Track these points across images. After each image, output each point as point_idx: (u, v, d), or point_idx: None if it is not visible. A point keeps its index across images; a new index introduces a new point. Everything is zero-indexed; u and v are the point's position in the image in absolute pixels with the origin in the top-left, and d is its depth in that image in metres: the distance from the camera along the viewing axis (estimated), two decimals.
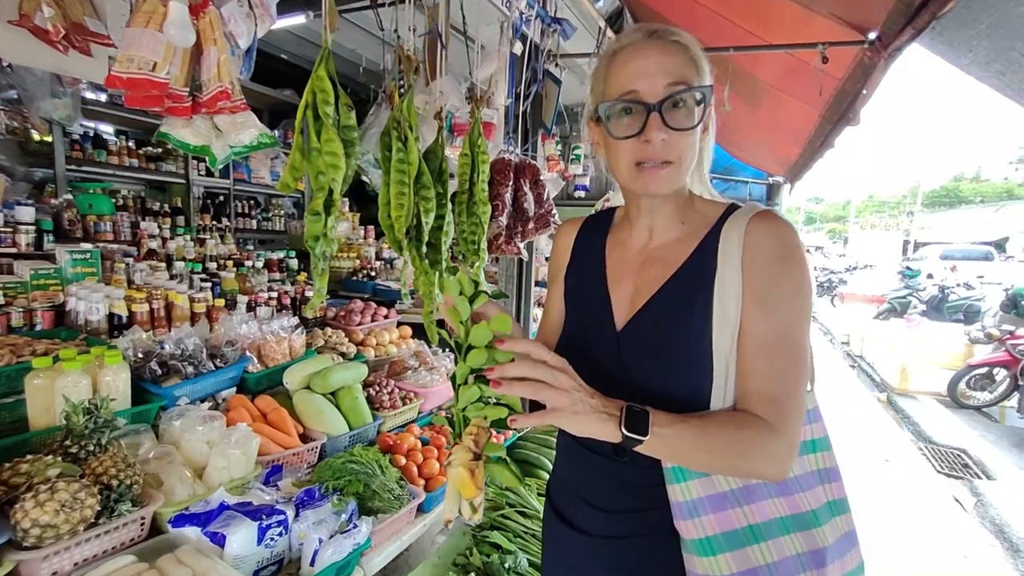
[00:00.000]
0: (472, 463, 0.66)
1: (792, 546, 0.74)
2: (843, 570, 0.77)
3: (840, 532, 0.77)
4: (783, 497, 0.75)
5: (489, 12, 1.79)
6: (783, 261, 0.70)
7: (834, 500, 0.78)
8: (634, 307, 0.79)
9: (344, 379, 1.71)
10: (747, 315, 0.70)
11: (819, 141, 3.34)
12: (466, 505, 0.67)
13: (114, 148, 3.29)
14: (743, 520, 0.72)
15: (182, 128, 1.44)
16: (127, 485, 1.06)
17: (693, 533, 0.72)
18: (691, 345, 0.72)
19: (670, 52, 0.71)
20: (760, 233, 0.71)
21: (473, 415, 0.69)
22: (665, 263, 0.78)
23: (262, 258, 2.68)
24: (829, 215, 46.71)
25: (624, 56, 0.73)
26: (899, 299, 9.78)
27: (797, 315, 0.70)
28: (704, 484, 0.72)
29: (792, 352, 0.69)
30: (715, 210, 0.79)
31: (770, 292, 0.70)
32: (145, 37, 1.21)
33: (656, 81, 0.70)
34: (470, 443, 0.67)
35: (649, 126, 0.70)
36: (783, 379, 0.69)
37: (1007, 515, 3.33)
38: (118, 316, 1.59)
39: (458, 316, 0.73)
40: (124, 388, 1.30)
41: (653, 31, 0.73)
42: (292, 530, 1.15)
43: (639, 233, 0.84)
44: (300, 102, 1.04)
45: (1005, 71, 1.51)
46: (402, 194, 1.18)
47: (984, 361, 5.26)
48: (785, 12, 2.22)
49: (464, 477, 0.65)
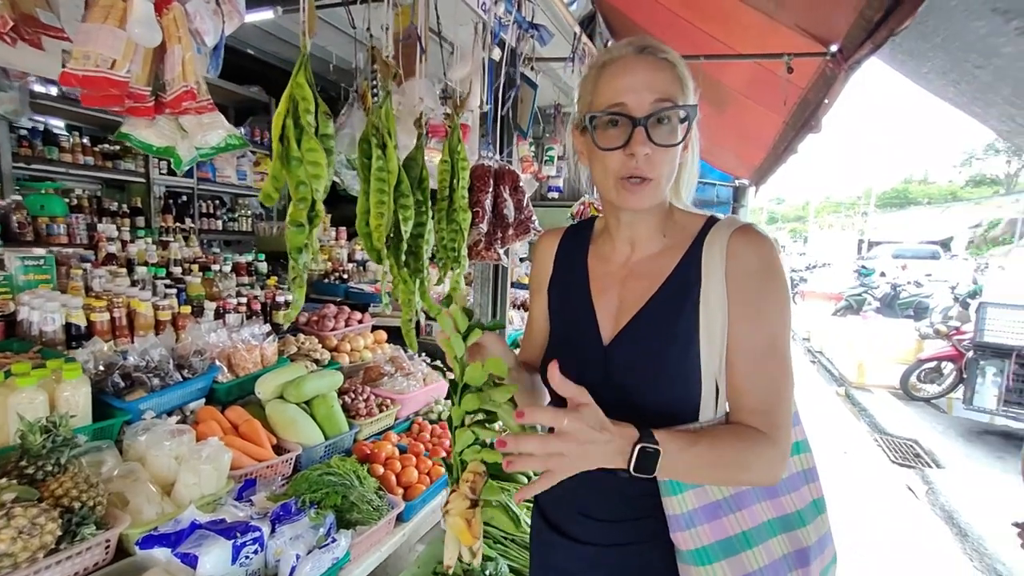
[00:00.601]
0: (469, 512, 0.65)
1: (780, 548, 0.77)
2: (822, 565, 0.81)
3: (822, 530, 0.81)
4: (770, 500, 0.78)
5: (463, 13, 1.78)
6: (767, 275, 0.73)
7: (818, 499, 0.82)
8: (620, 322, 0.79)
9: (318, 387, 1.67)
10: (735, 329, 0.72)
11: (783, 147, 3.46)
12: (465, 551, 0.66)
13: (67, 145, 3.11)
14: (736, 527, 0.75)
15: (145, 129, 1.37)
16: (90, 507, 1.01)
17: (690, 544, 0.73)
18: (679, 359, 0.74)
19: (659, 69, 0.72)
20: (743, 248, 0.74)
21: (470, 459, 0.68)
22: (650, 277, 0.80)
23: (229, 261, 2.58)
24: (790, 215, 48.52)
25: (614, 69, 0.74)
26: (855, 297, 10.25)
27: (782, 326, 0.73)
28: (698, 494, 0.74)
29: (780, 363, 0.73)
30: (695, 223, 0.81)
31: (756, 306, 0.72)
32: (103, 33, 1.15)
33: (643, 96, 0.71)
34: (467, 490, 0.66)
35: (634, 140, 0.71)
36: (774, 390, 0.72)
37: (955, 502, 3.54)
38: (76, 326, 1.51)
39: (453, 352, 0.72)
40: (84, 403, 1.24)
41: (644, 47, 0.74)
42: (268, 547, 1.12)
43: (621, 246, 0.84)
44: (278, 110, 1.01)
45: (960, 81, 1.60)
46: (382, 203, 1.16)
47: (933, 356, 5.57)
48: (753, 23, 2.29)
49: (462, 527, 0.64)
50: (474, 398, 0.68)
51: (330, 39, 3.31)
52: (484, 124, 1.80)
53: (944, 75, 1.67)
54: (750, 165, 4.72)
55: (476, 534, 0.65)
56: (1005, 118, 1.64)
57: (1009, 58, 1.32)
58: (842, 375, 6.78)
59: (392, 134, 1.14)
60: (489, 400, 0.67)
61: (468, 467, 0.68)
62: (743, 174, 5.48)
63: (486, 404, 0.67)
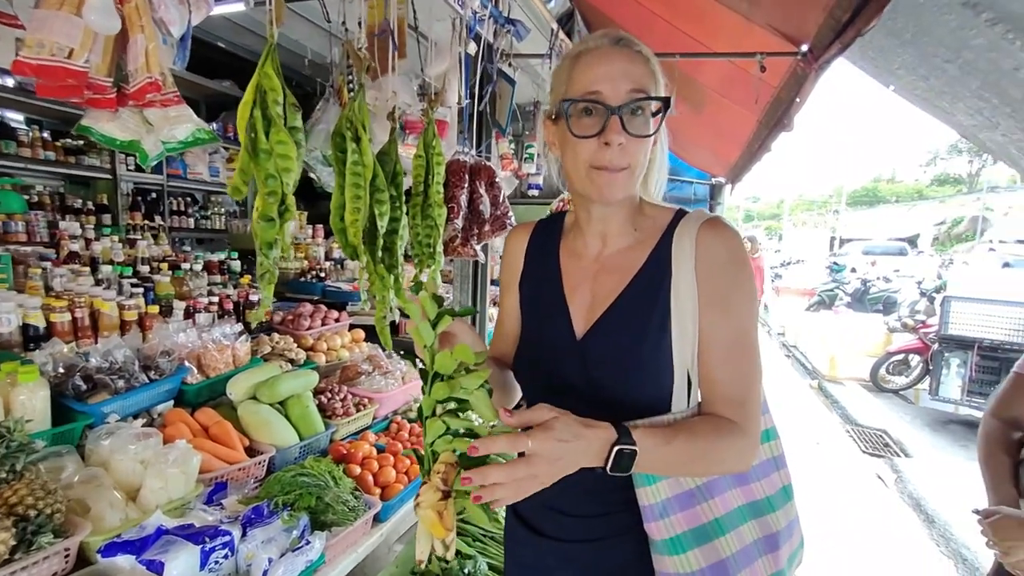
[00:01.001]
0: (441, 503, 0.63)
1: (751, 533, 0.78)
2: (791, 550, 0.83)
3: (791, 516, 0.83)
4: (740, 487, 0.79)
5: (440, 8, 1.76)
6: (735, 267, 0.74)
7: (787, 485, 0.84)
8: (593, 316, 0.80)
9: (293, 387, 1.64)
10: (705, 321, 0.73)
11: (757, 145, 3.53)
12: (438, 544, 0.65)
13: (25, 139, 2.97)
14: (709, 514, 0.76)
15: (107, 122, 1.32)
16: (47, 514, 0.96)
17: (664, 533, 0.73)
18: (652, 352, 0.74)
19: (634, 61, 0.73)
20: (711, 241, 0.75)
21: (442, 449, 0.66)
22: (621, 271, 0.80)
23: (201, 260, 2.51)
24: (765, 213, 49.56)
25: (589, 59, 0.74)
26: (827, 292, 10.52)
27: (750, 317, 0.74)
28: (671, 484, 0.75)
29: (749, 353, 0.74)
30: (664, 216, 0.81)
31: (726, 297, 0.73)
32: (59, 20, 1.10)
33: (619, 85, 0.71)
34: (439, 482, 0.63)
35: (609, 128, 0.71)
36: (745, 380, 0.74)
37: (923, 490, 3.66)
38: (34, 327, 1.44)
39: (422, 340, 0.70)
40: (42, 407, 1.19)
41: (619, 39, 0.74)
42: (239, 551, 1.09)
43: (592, 240, 0.85)
44: (244, 99, 0.97)
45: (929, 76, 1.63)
46: (357, 197, 1.14)
47: (900, 348, 5.76)
48: (728, 22, 2.33)
49: (433, 519, 0.63)
50: (444, 386, 0.66)
51: (304, 33, 3.24)
52: (461, 120, 1.79)
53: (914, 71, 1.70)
54: (726, 163, 4.80)
55: (448, 526, 0.64)
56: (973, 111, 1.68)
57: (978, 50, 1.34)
58: (815, 368, 6.96)
59: (366, 127, 1.12)
60: (460, 388, 0.65)
61: (440, 458, 0.66)
62: (719, 172, 5.56)
63: (457, 392, 0.66)
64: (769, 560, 0.78)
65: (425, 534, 0.66)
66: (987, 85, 1.53)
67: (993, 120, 1.65)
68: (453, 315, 0.73)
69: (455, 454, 0.66)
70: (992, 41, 1.28)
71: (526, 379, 0.89)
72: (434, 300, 0.72)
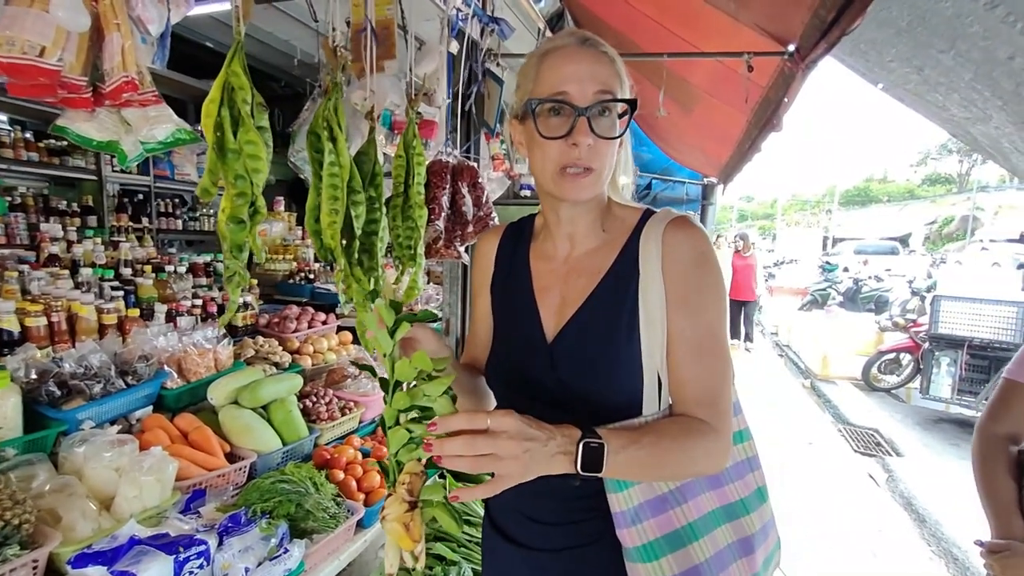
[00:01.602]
0: (407, 515, 0.61)
1: (724, 537, 0.77)
2: (766, 552, 0.82)
3: (765, 518, 0.82)
4: (714, 490, 0.78)
5: (428, 8, 1.74)
6: (701, 266, 0.73)
7: (762, 487, 0.83)
8: (563, 318, 0.79)
9: (276, 391, 1.61)
10: (673, 321, 0.72)
11: (748, 145, 3.53)
12: (407, 555, 0.63)
13: (8, 140, 2.93)
14: (682, 519, 0.74)
15: (83, 122, 1.29)
16: (14, 525, 0.94)
17: (636, 540, 0.72)
18: (621, 353, 0.73)
19: (600, 62, 0.72)
20: (677, 241, 0.74)
21: (406, 459, 0.65)
22: (589, 273, 0.79)
23: (186, 262, 2.47)
24: (759, 213, 49.79)
25: (556, 58, 0.73)
26: (820, 291, 10.57)
27: (718, 316, 0.74)
28: (643, 489, 0.73)
29: (718, 352, 0.73)
30: (632, 216, 0.81)
31: (693, 297, 0.73)
32: (30, 17, 1.07)
33: (587, 87, 0.71)
34: (404, 493, 0.62)
35: (577, 129, 0.70)
36: (714, 380, 0.73)
37: (914, 488, 3.67)
38: (8, 332, 1.41)
39: (381, 348, 0.69)
40: (13, 414, 1.16)
41: (586, 39, 0.73)
42: (215, 560, 1.07)
43: (561, 242, 0.84)
44: (210, 96, 0.95)
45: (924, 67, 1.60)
46: (335, 199, 1.11)
47: (892, 347, 5.78)
48: (715, 22, 2.32)
49: (399, 532, 0.61)
50: (405, 395, 0.65)
51: (293, 33, 3.22)
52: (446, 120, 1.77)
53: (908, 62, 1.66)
54: (717, 163, 4.80)
55: (416, 537, 0.62)
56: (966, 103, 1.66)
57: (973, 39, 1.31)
58: (808, 367, 6.98)
59: (342, 127, 1.10)
60: (423, 395, 0.64)
61: (404, 468, 0.64)
62: (711, 172, 5.57)
63: (419, 400, 0.64)
64: (744, 564, 0.77)
65: (393, 547, 0.64)
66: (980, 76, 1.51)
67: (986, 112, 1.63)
68: (411, 320, 0.71)
69: (420, 462, 0.64)
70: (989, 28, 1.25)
71: (497, 383, 0.88)
72: (392, 307, 0.71)
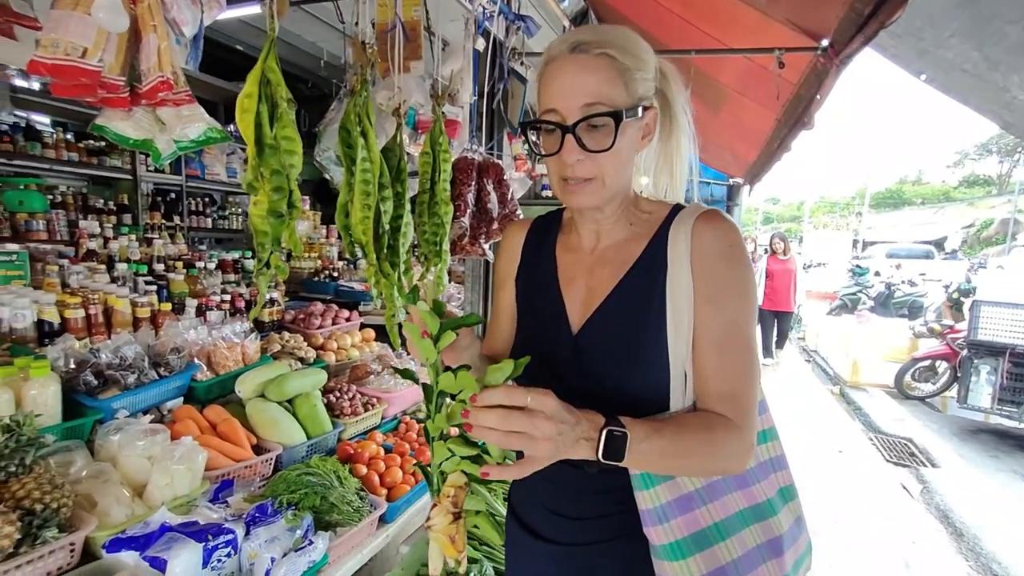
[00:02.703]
0: (452, 527, 0.63)
1: (752, 538, 0.75)
2: (796, 555, 0.80)
3: (792, 517, 0.80)
4: (741, 490, 0.76)
5: (453, 8, 1.75)
6: (730, 260, 0.72)
7: (785, 487, 0.81)
8: (588, 310, 0.78)
9: (302, 386, 1.64)
10: (700, 315, 0.71)
11: (776, 144, 3.45)
12: (451, 561, 0.65)
13: (50, 141, 3.05)
14: (709, 519, 0.73)
15: (121, 121, 1.33)
16: (53, 509, 0.97)
17: (663, 538, 0.71)
18: (647, 346, 0.72)
19: (590, 69, 0.68)
20: (707, 233, 0.73)
21: (450, 470, 0.65)
22: (616, 264, 0.78)
23: (215, 258, 2.54)
24: (785, 215, 48.62)
25: (548, 72, 0.72)
26: (850, 296, 10.26)
27: (746, 312, 0.72)
28: (670, 487, 0.72)
29: (745, 348, 0.72)
30: (661, 210, 0.79)
31: (721, 291, 0.71)
32: (73, 20, 1.11)
33: (571, 102, 0.69)
34: (449, 505, 0.63)
35: (565, 147, 0.70)
36: (739, 376, 0.71)
37: (950, 501, 3.53)
38: (48, 323, 1.46)
39: (424, 356, 0.68)
40: (53, 402, 1.20)
41: (576, 44, 0.69)
42: (242, 550, 1.09)
43: (587, 235, 0.83)
44: (246, 91, 0.96)
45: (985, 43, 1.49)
46: (366, 193, 1.12)
47: (927, 354, 5.57)
48: (744, 17, 2.27)
49: (445, 543, 0.63)
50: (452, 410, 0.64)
51: (320, 35, 3.28)
52: (471, 119, 1.77)
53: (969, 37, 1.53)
54: (744, 163, 4.70)
55: (460, 548, 0.63)
56: None
57: None
58: (837, 374, 6.77)
59: (372, 122, 1.10)
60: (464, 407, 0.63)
61: (448, 480, 0.65)
62: (737, 173, 5.46)
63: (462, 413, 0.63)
64: (773, 566, 0.75)
65: (437, 552, 0.65)
66: None
67: None
68: (456, 327, 0.69)
69: (464, 475, 0.64)
70: None
71: (521, 375, 0.87)
72: (434, 311, 0.69)
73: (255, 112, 0.98)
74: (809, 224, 34.51)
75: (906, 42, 1.60)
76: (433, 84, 1.76)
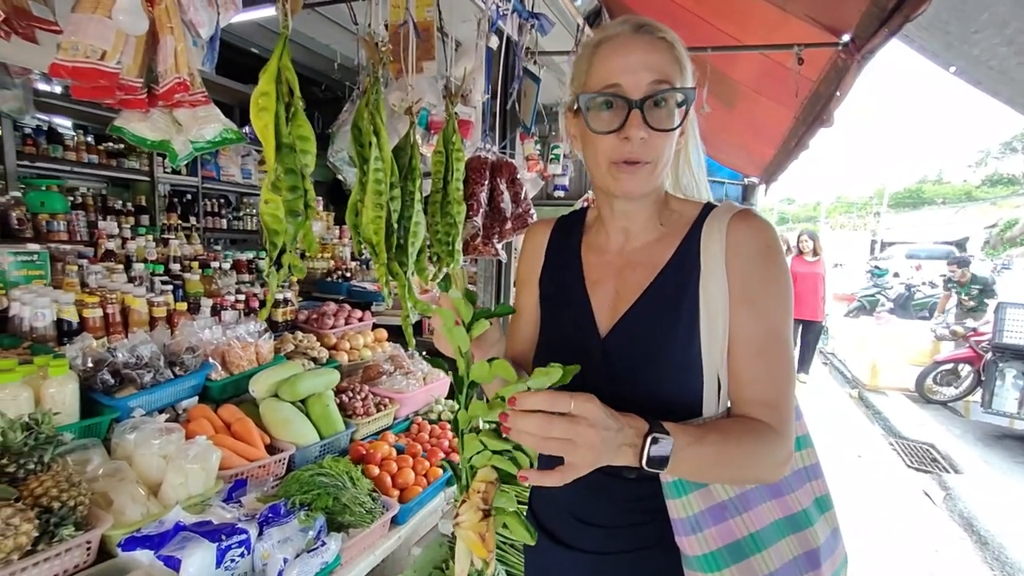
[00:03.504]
0: (481, 524, 0.60)
1: (789, 550, 0.72)
2: (833, 567, 0.77)
3: (829, 529, 0.77)
4: (775, 499, 0.74)
5: (465, 8, 1.74)
6: (767, 260, 0.69)
7: (820, 496, 0.78)
8: (617, 312, 0.75)
9: (314, 386, 1.64)
10: (736, 318, 0.69)
11: (793, 142, 3.38)
12: (479, 561, 0.62)
13: (71, 143, 3.11)
14: (744, 529, 0.70)
15: (138, 122, 1.35)
16: (70, 507, 0.98)
17: (697, 549, 0.68)
18: (680, 350, 0.70)
19: (656, 49, 0.68)
20: (743, 233, 0.70)
21: (480, 464, 0.63)
22: (646, 265, 0.75)
23: (230, 259, 2.57)
24: (801, 216, 47.87)
25: (609, 48, 0.70)
26: (868, 297, 10.06)
27: (785, 315, 0.69)
28: (703, 496, 0.70)
29: (783, 353, 0.69)
30: (692, 210, 0.77)
31: (759, 294, 0.69)
32: (92, 23, 1.13)
33: (640, 77, 0.67)
34: (479, 501, 0.61)
35: (630, 123, 0.67)
36: (778, 381, 0.69)
37: (974, 508, 3.43)
38: (67, 322, 1.49)
39: (456, 343, 0.66)
40: (71, 400, 1.21)
41: (641, 25, 0.70)
42: (255, 550, 1.09)
43: (615, 235, 0.81)
44: (262, 89, 0.96)
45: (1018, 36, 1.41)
46: (379, 193, 1.11)
47: (949, 358, 5.43)
48: (761, 13, 2.23)
49: (475, 541, 0.60)
50: (483, 407, 0.62)
51: (334, 37, 3.30)
52: (484, 118, 1.76)
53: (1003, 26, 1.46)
54: (760, 162, 4.63)
55: (490, 547, 0.60)
56: None
57: None
58: (855, 377, 6.64)
59: (384, 121, 1.10)
60: (499, 402, 0.60)
61: (478, 475, 0.62)
62: (753, 172, 5.38)
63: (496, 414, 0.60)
64: None
65: (465, 552, 0.63)
66: None
67: None
68: (489, 316, 0.68)
69: (494, 471, 0.62)
70: None
71: None
72: (467, 299, 0.67)
73: (274, 112, 0.98)
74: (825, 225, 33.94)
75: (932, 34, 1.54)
76: (446, 84, 1.76)
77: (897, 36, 1.59)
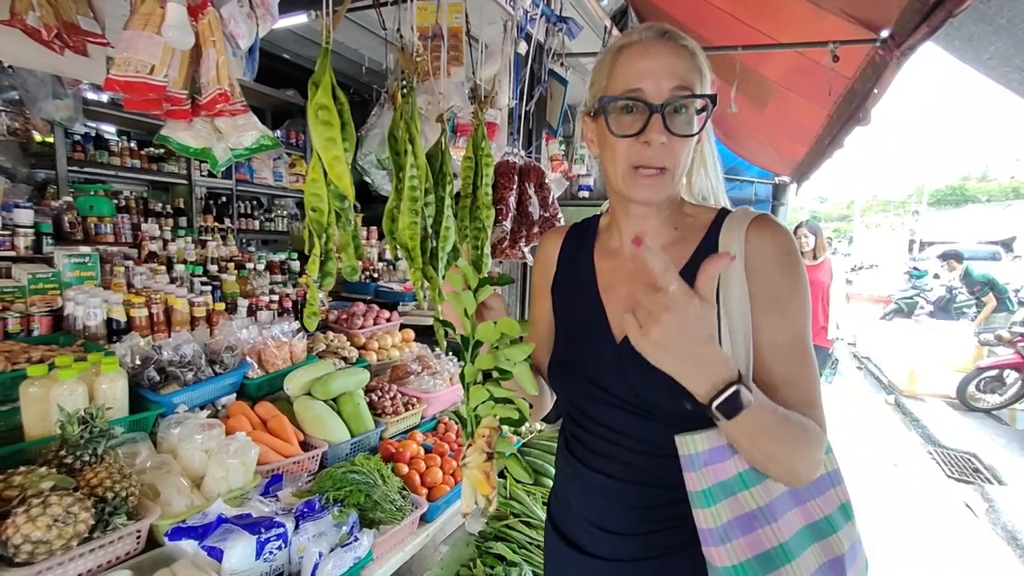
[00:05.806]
0: (485, 464, 0.68)
1: (815, 559, 0.71)
2: (856, 574, 0.75)
3: (853, 537, 0.75)
4: (798, 507, 0.72)
5: (492, 11, 1.76)
6: (788, 266, 0.69)
7: (845, 503, 0.76)
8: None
9: (346, 385, 1.68)
10: (762, 323, 0.69)
11: (827, 141, 3.29)
12: (481, 499, 0.70)
13: (116, 149, 3.27)
14: (773, 539, 0.69)
15: (183, 131, 1.41)
16: (122, 497, 1.03)
17: (726, 560, 0.68)
18: None
19: (678, 56, 0.69)
20: (762, 239, 0.70)
21: (485, 413, 0.71)
22: None
23: (263, 260, 2.65)
24: (833, 215, 46.35)
25: (631, 53, 0.71)
26: (906, 299, 9.67)
27: (807, 320, 0.70)
28: (731, 505, 0.69)
29: (809, 355, 0.70)
30: (707, 215, 0.77)
31: (782, 301, 0.69)
32: (142, 40, 1.19)
33: (662, 82, 0.68)
34: (483, 444, 0.69)
35: (650, 127, 0.68)
36: (810, 384, 0.70)
37: (1019, 521, 3.27)
38: (116, 321, 1.57)
39: (462, 305, 0.73)
40: (121, 396, 1.28)
41: (664, 32, 0.71)
42: (292, 543, 1.13)
43: (628, 239, 0.80)
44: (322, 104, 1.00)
45: None
46: (414, 199, 1.14)
47: (994, 364, 5.19)
48: (795, 10, 2.18)
49: (480, 479, 0.69)
50: (489, 357, 0.70)
51: (362, 42, 3.36)
52: (511, 121, 1.78)
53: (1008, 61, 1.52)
54: (791, 161, 4.51)
55: (493, 484, 0.69)
56: None
57: None
58: (891, 382, 6.40)
59: (418, 129, 1.12)
60: (504, 359, 0.69)
61: (483, 422, 0.71)
62: (783, 171, 5.24)
63: (501, 363, 0.70)
64: None
65: (470, 489, 0.71)
66: None
67: None
68: (493, 283, 0.75)
69: (496, 419, 0.71)
70: None
71: (561, 387, 0.85)
72: (474, 268, 0.76)
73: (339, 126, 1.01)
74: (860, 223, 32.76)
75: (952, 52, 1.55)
76: (474, 88, 1.78)
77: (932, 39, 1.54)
